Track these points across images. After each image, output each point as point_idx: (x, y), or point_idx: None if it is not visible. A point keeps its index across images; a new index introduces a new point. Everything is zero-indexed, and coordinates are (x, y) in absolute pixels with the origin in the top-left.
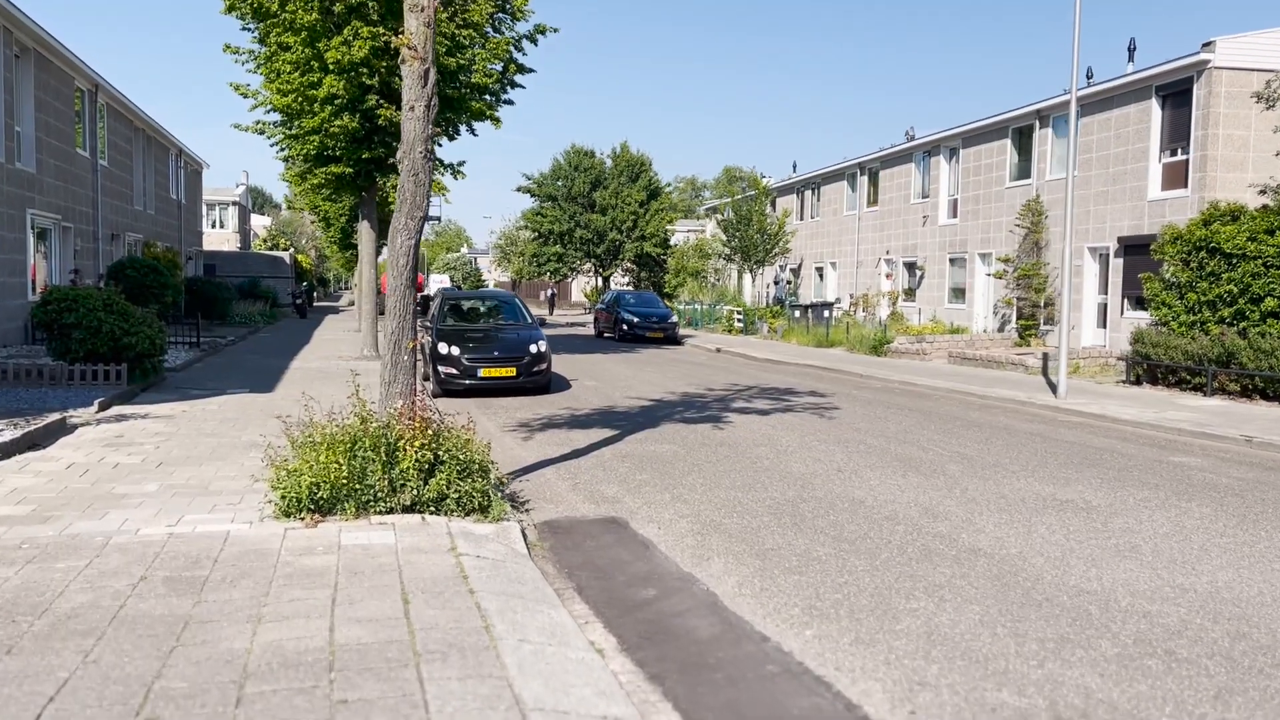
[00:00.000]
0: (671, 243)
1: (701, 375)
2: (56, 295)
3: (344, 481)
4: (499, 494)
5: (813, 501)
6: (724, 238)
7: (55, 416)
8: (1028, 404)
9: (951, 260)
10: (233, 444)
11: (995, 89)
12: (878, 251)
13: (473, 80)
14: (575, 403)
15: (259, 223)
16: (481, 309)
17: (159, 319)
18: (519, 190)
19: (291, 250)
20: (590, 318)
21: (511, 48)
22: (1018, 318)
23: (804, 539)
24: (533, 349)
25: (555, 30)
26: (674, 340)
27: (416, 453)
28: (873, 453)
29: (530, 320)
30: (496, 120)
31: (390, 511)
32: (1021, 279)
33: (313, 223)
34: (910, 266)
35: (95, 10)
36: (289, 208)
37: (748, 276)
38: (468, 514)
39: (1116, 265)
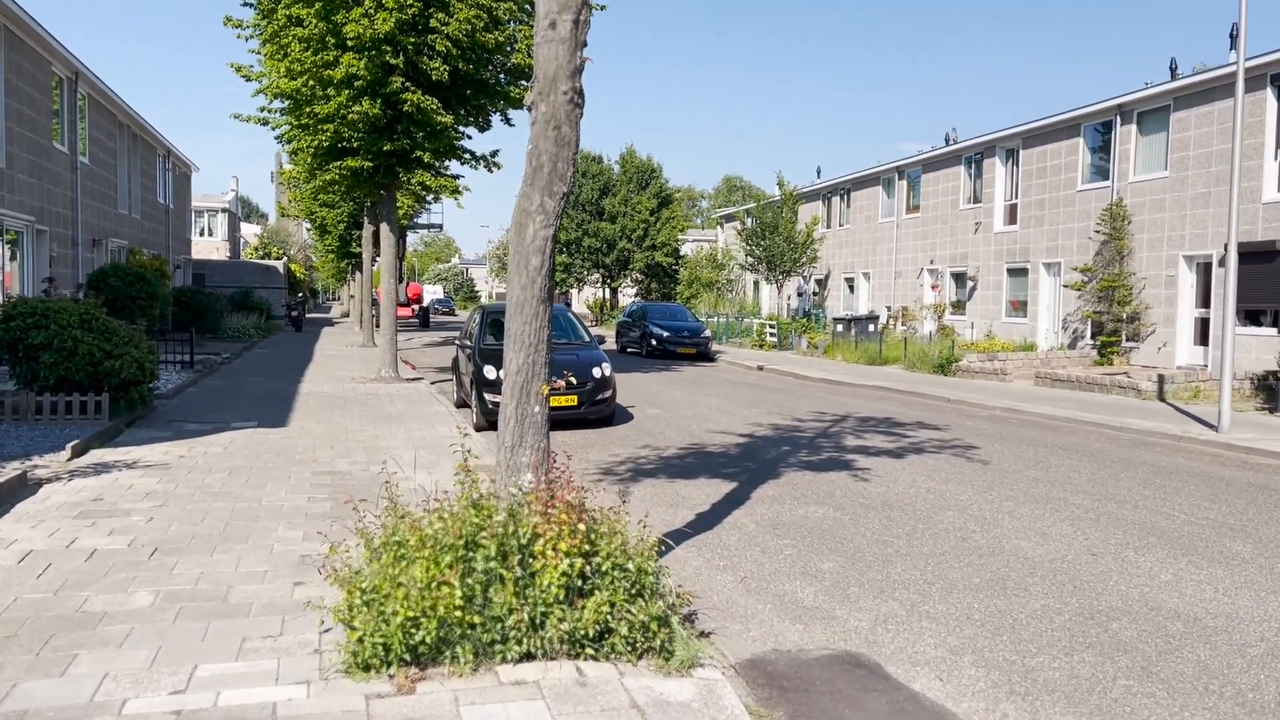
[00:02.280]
0: (681, 253)
1: (770, 400)
2: (22, 309)
3: (457, 613)
4: (679, 619)
5: (1120, 616)
6: (746, 246)
7: (13, 469)
8: (1187, 439)
9: (1010, 270)
10: (253, 511)
11: (1001, 97)
12: (920, 261)
13: (513, 60)
14: (650, 438)
15: (249, 231)
16: None
17: (148, 336)
18: None
19: (285, 259)
20: (597, 330)
21: None
22: (1097, 333)
23: (1195, 703)
24: (596, 373)
25: (603, 7)
26: (707, 356)
27: (564, 561)
28: (1099, 520)
29: (588, 338)
30: None
31: (528, 657)
32: (1103, 291)
33: (308, 230)
34: (959, 277)
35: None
36: (282, 214)
37: (765, 288)
38: (640, 656)
39: (1222, 276)
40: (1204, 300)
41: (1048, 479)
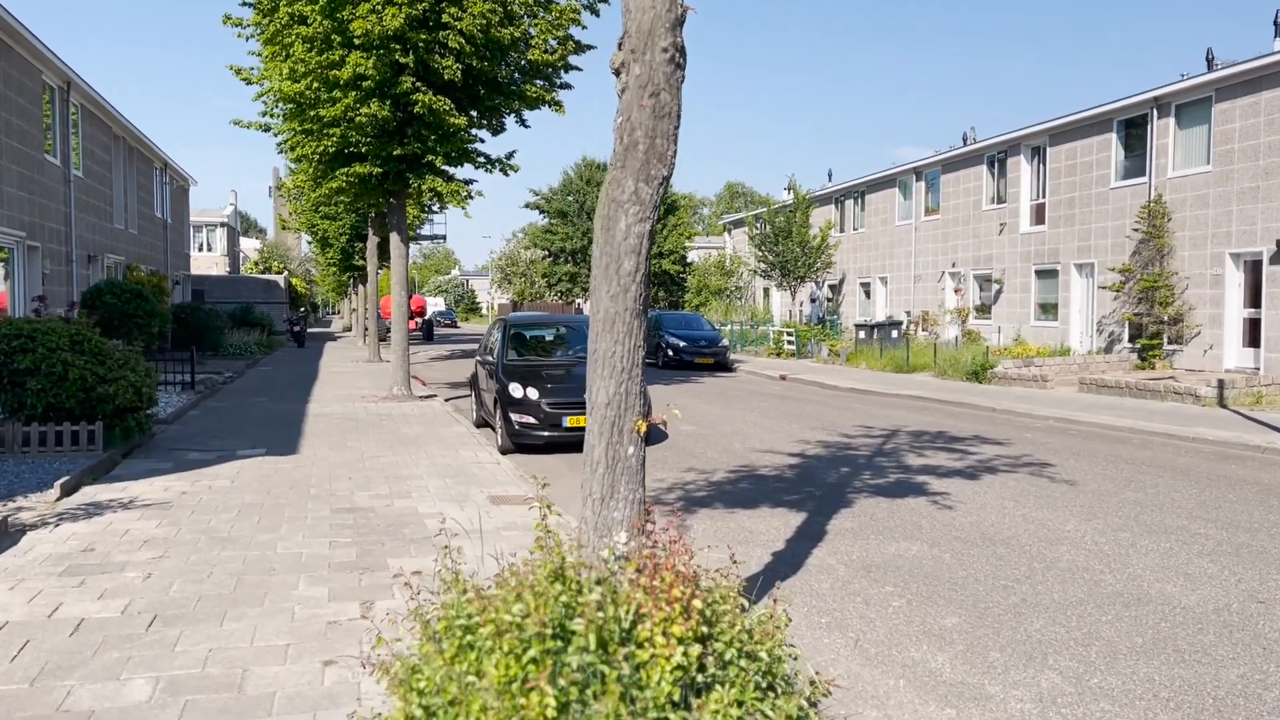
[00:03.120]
0: (688, 260)
1: (808, 414)
2: (6, 331)
3: None
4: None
5: None
6: (758, 252)
7: None
8: (1272, 450)
9: (1038, 272)
10: (267, 561)
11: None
12: (940, 264)
13: (529, 57)
14: (693, 460)
15: (249, 245)
16: (555, 338)
17: (146, 358)
18: (527, 206)
19: (286, 273)
20: None
21: (575, 16)
22: (1135, 336)
23: None
24: None
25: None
26: (725, 366)
27: (677, 651)
28: (1239, 554)
29: None
30: (559, 105)
31: None
32: (1143, 292)
33: (309, 244)
34: (983, 280)
35: (60, 5)
36: (282, 227)
37: (776, 294)
38: None
39: (1274, 274)
40: (1253, 300)
41: (1150, 502)
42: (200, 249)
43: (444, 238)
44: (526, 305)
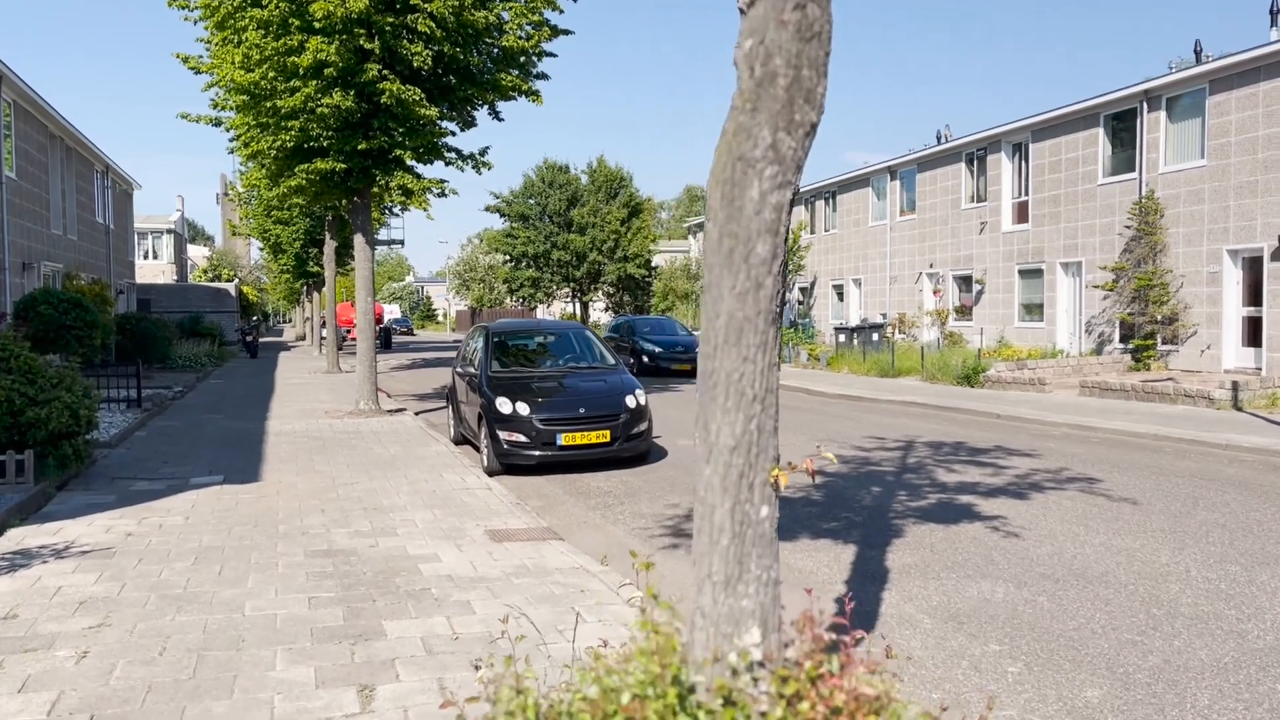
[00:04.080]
0: (654, 264)
1: (808, 424)
2: None
3: None
4: None
5: None
6: None
7: None
8: None
9: (1022, 272)
10: (235, 629)
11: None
12: (918, 265)
13: (503, 43)
14: None
15: (197, 253)
16: (544, 345)
17: (84, 374)
18: (487, 209)
19: (237, 281)
20: None
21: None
22: (1127, 336)
23: None
24: (630, 402)
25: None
26: None
27: None
28: None
29: (613, 360)
30: (536, 96)
31: None
32: (1137, 291)
33: (261, 250)
34: (964, 280)
35: None
36: (232, 233)
37: None
38: None
39: (1275, 270)
40: (1253, 298)
41: (1235, 525)
42: (146, 256)
43: (402, 242)
44: (486, 311)
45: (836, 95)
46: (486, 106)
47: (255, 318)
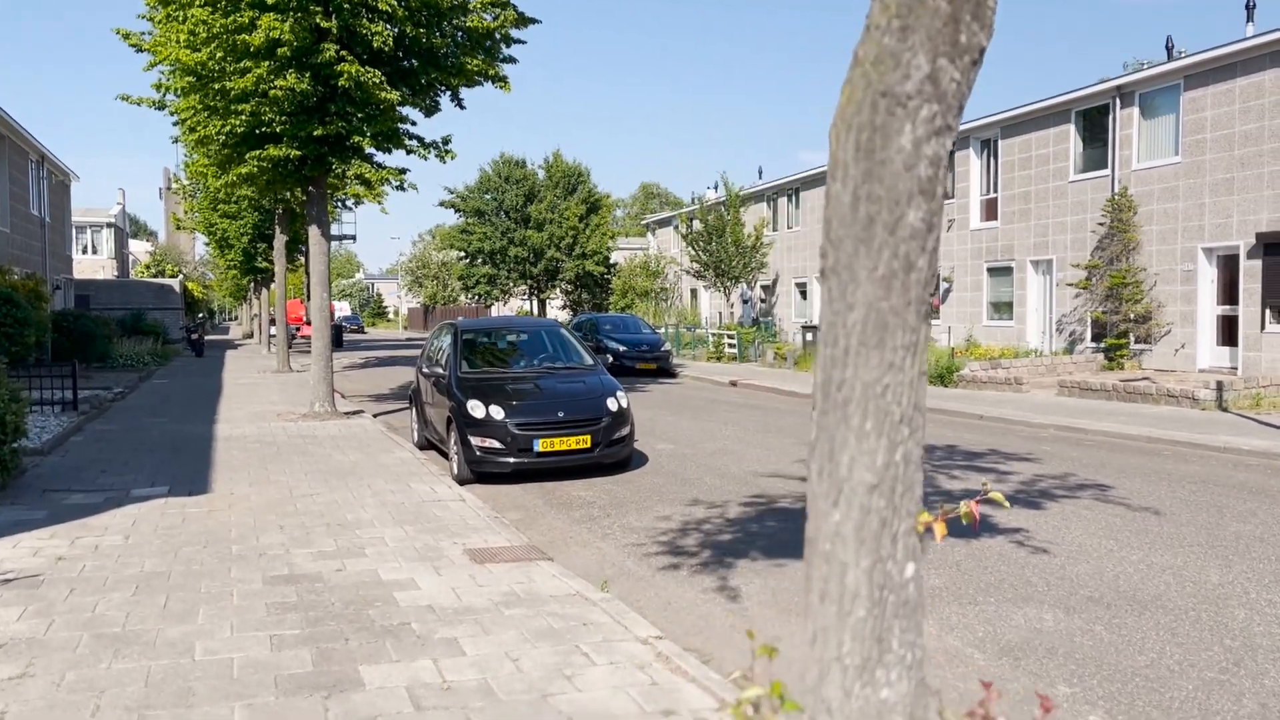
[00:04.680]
0: (612, 261)
1: (788, 426)
2: None
3: None
4: None
5: None
6: (691, 251)
7: None
8: None
9: (991, 270)
10: (184, 679)
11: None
12: None
13: (468, 24)
14: (691, 488)
15: (139, 248)
16: (517, 344)
17: (14, 375)
18: (442, 204)
19: (181, 277)
20: None
21: None
22: (1099, 335)
23: None
24: (611, 405)
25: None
26: (668, 372)
27: None
28: None
29: (591, 360)
30: (504, 82)
31: None
32: (1111, 289)
33: (205, 245)
34: None
35: None
36: (176, 227)
37: (705, 295)
38: None
39: (1252, 269)
40: (1228, 296)
41: (1272, 538)
42: (85, 251)
43: (354, 238)
44: (440, 309)
45: (791, 92)
46: (450, 92)
47: (201, 315)
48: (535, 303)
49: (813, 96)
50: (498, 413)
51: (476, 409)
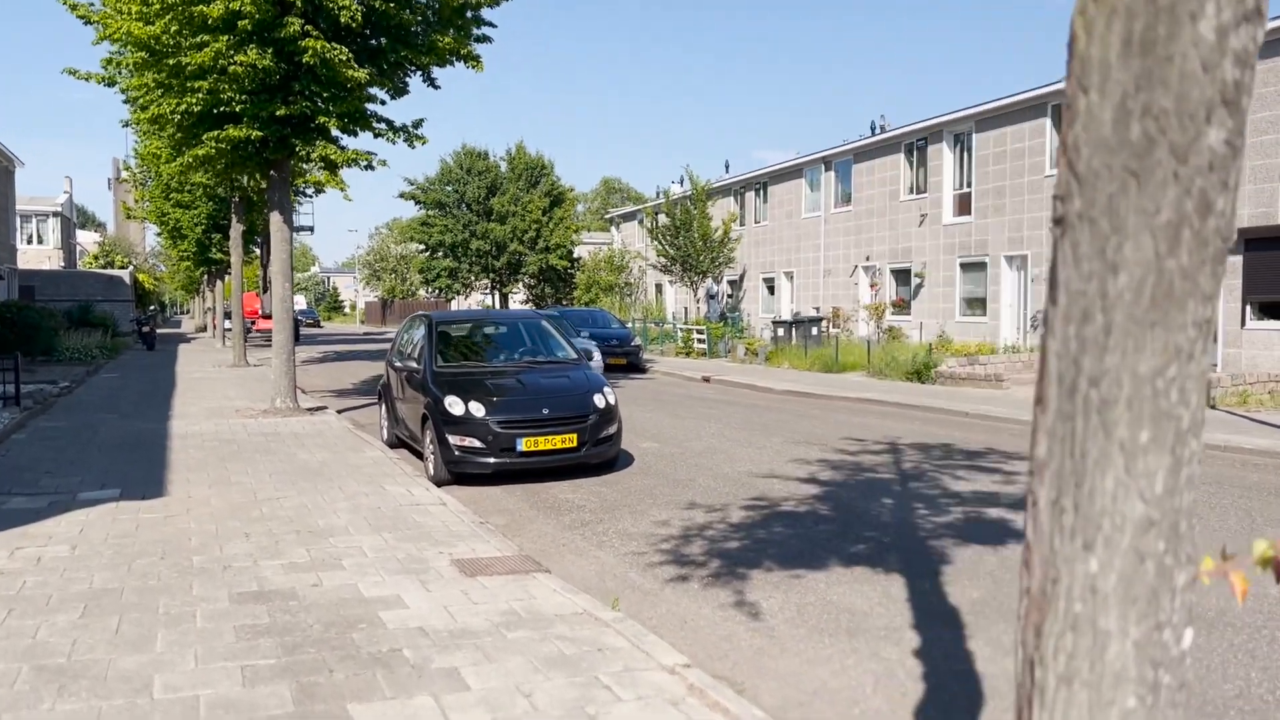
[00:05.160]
0: (576, 255)
1: (773, 423)
2: None
3: None
4: None
5: None
6: (658, 246)
7: None
8: None
9: (964, 265)
10: None
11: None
12: (853, 258)
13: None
14: (685, 489)
15: (87, 239)
16: (496, 337)
17: None
18: (402, 196)
19: (132, 268)
20: None
21: None
22: None
23: None
24: (599, 402)
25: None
26: (639, 367)
27: None
28: None
29: (574, 354)
30: (476, 61)
31: None
32: None
33: (157, 235)
34: (902, 274)
35: None
36: (127, 216)
37: (670, 290)
38: None
39: (1232, 265)
40: None
41: None
42: (30, 241)
43: (311, 229)
44: (398, 303)
45: (744, 92)
46: (421, 72)
47: (152, 307)
48: (497, 297)
49: (768, 99)
50: (478, 410)
51: (455, 406)
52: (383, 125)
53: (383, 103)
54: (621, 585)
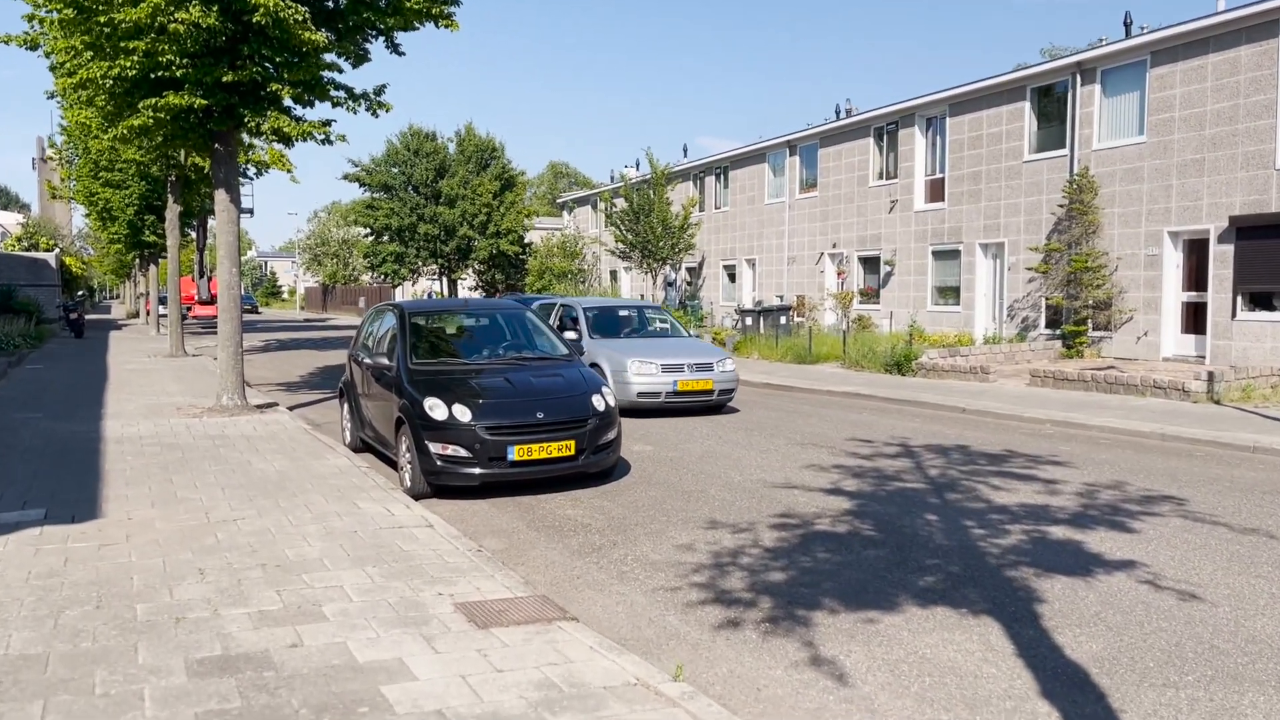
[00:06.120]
0: (528, 240)
1: (768, 423)
2: None
3: None
4: None
5: None
6: (617, 231)
7: None
8: None
9: (936, 253)
10: None
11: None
12: (819, 245)
13: None
14: (701, 504)
15: (9, 219)
16: (475, 330)
17: None
18: (346, 178)
19: (58, 251)
20: None
21: None
22: (1056, 321)
23: None
24: (597, 404)
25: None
26: None
27: None
28: None
29: (565, 350)
30: (450, 21)
31: None
32: (1072, 274)
33: (85, 218)
34: (869, 262)
35: None
36: (52, 196)
37: (625, 277)
38: None
39: (1223, 254)
40: (1194, 282)
41: None
42: None
43: (250, 211)
44: (340, 289)
45: (684, 79)
46: (384, 37)
47: (80, 292)
48: (446, 283)
49: (707, 83)
50: (463, 414)
51: (436, 409)
52: (341, 94)
53: (341, 69)
54: (662, 634)
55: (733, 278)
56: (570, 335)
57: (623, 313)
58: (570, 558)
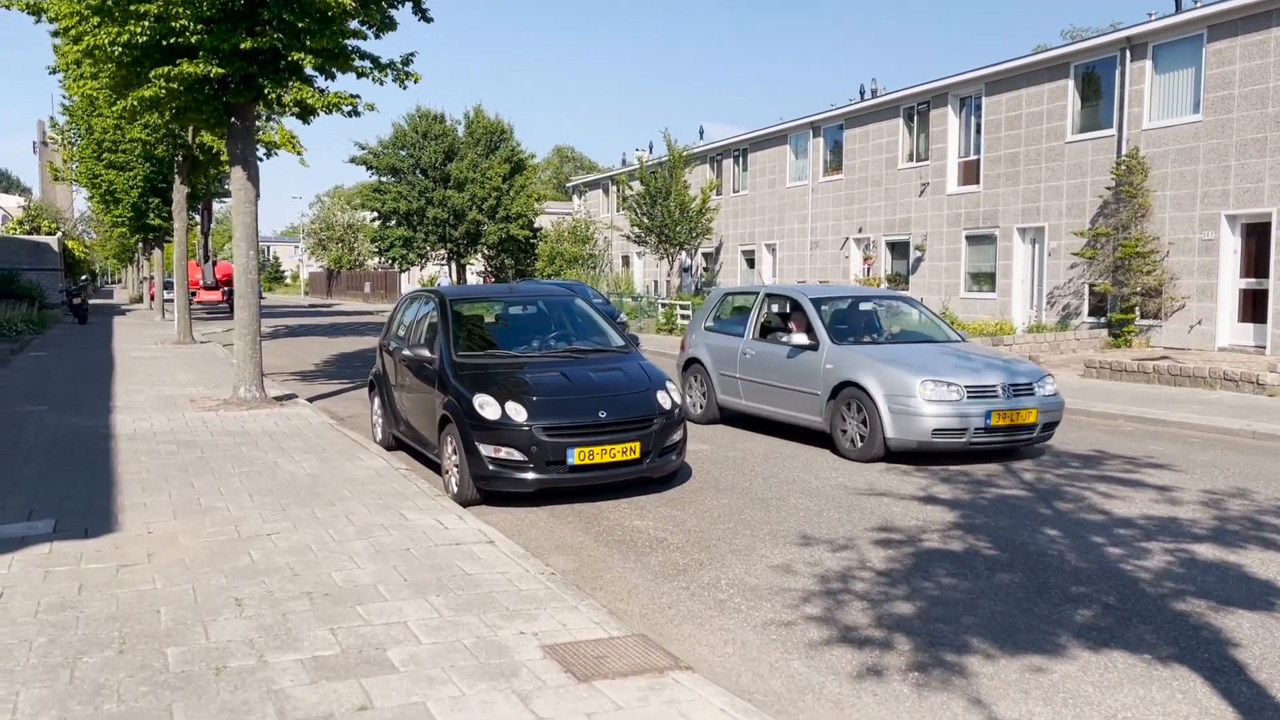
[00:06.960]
0: (537, 225)
1: None
2: None
3: None
4: None
5: None
6: (632, 216)
7: None
8: None
9: (970, 238)
10: None
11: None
12: (844, 230)
13: None
14: (782, 516)
15: (10, 202)
16: (523, 319)
17: None
18: (353, 161)
19: (60, 235)
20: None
21: None
22: (1098, 309)
23: None
24: (663, 401)
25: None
26: None
27: None
28: None
29: (621, 340)
30: None
31: None
32: (1120, 260)
33: (87, 200)
34: (898, 247)
35: None
36: (54, 178)
37: (638, 263)
38: None
39: None
40: (1253, 268)
41: None
42: None
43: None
44: (345, 273)
45: (692, 66)
46: (412, 2)
47: (83, 277)
48: (454, 268)
49: (712, 69)
50: (517, 413)
51: (487, 408)
52: (367, 63)
53: (365, 37)
54: (791, 685)
55: (751, 263)
56: (800, 339)
57: (865, 305)
58: (654, 581)
